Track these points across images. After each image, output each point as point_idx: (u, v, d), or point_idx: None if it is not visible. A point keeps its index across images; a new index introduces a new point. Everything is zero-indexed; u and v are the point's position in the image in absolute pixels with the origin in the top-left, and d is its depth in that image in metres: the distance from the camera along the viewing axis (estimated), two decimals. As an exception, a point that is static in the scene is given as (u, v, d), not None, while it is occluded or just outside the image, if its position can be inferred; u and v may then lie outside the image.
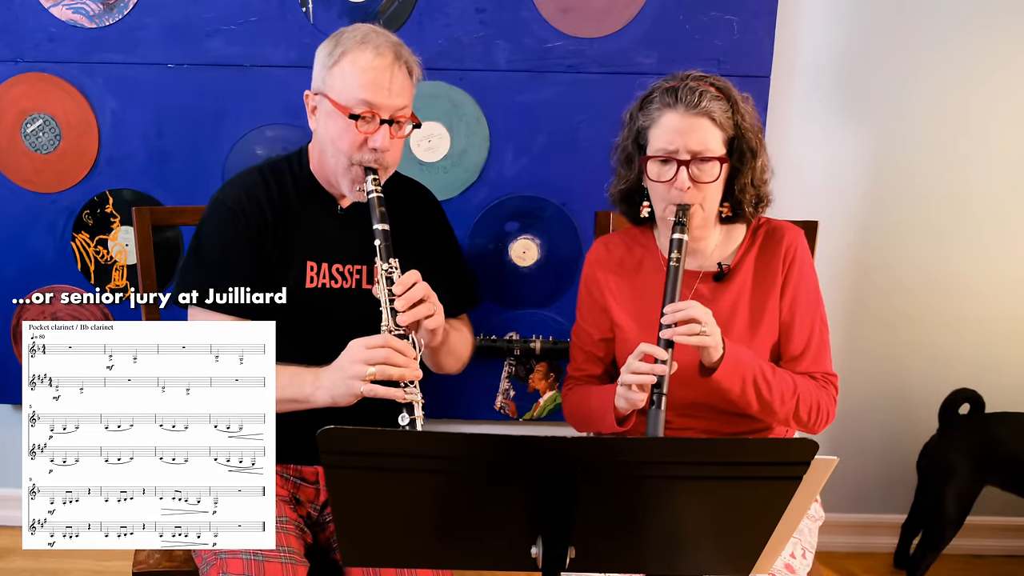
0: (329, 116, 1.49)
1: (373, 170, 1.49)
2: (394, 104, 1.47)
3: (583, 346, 1.66)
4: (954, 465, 2.16)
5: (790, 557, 1.51)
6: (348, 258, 1.58)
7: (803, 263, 1.58)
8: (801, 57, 2.17)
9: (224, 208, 1.54)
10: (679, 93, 1.47)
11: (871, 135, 2.22)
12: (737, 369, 1.46)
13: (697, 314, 1.41)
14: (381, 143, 1.47)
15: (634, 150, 1.56)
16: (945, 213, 2.26)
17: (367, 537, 1.14)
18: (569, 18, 2.11)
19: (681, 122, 1.47)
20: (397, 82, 1.48)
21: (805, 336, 1.56)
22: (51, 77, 2.11)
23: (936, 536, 2.19)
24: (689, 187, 1.47)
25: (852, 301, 2.30)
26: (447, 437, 1.06)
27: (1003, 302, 2.32)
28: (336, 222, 1.59)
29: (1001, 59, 2.17)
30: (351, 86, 1.46)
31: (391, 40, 1.50)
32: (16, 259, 2.20)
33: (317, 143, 1.56)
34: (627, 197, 1.62)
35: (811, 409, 1.52)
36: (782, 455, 1.06)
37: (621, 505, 1.08)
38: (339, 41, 1.49)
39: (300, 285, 1.56)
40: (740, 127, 1.50)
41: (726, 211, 1.56)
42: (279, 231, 1.55)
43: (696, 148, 1.47)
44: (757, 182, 1.54)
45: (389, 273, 1.43)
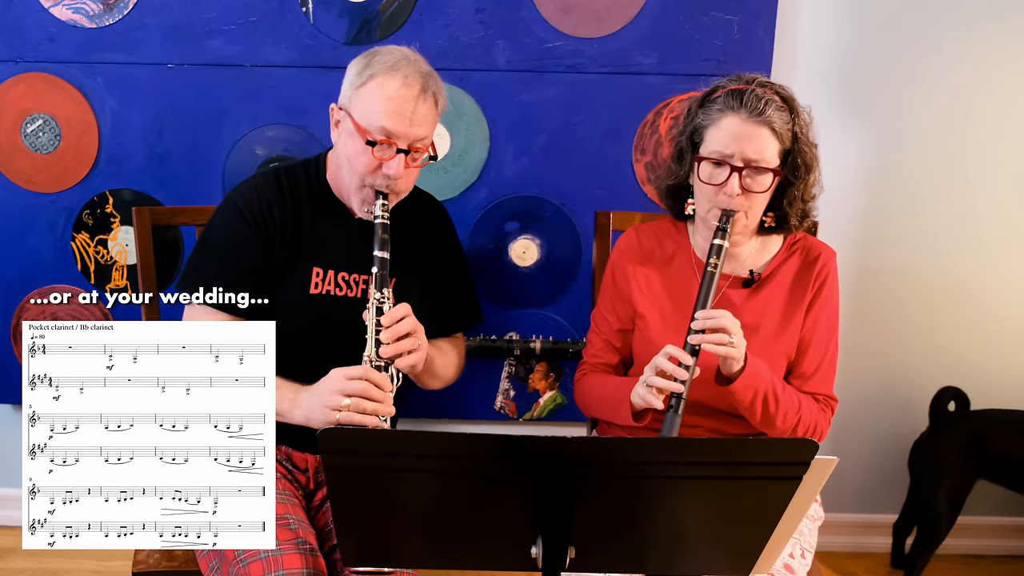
0: (349, 135, 1.50)
1: (384, 194, 1.50)
2: (414, 135, 1.48)
3: (601, 334, 1.66)
4: (945, 461, 2.18)
5: (790, 557, 1.51)
6: (355, 267, 1.58)
7: (832, 286, 1.58)
8: (801, 57, 2.17)
9: (234, 208, 1.56)
10: (744, 98, 1.45)
11: (871, 135, 2.22)
12: (752, 383, 1.46)
13: (728, 324, 1.41)
14: (395, 171, 1.48)
15: (688, 146, 1.54)
16: (945, 214, 2.26)
17: (367, 537, 1.14)
18: (569, 18, 2.11)
19: (742, 128, 1.45)
20: (420, 113, 1.48)
21: (819, 358, 1.57)
22: (51, 77, 2.11)
23: (930, 533, 2.21)
24: (739, 194, 1.45)
25: (852, 302, 2.30)
26: (447, 437, 1.06)
27: (1003, 304, 2.32)
28: (347, 231, 1.59)
29: (1001, 60, 2.17)
30: (374, 111, 1.47)
31: (421, 70, 1.49)
32: (16, 259, 2.20)
33: (335, 156, 1.58)
34: (673, 192, 1.60)
35: (808, 428, 1.54)
36: (782, 455, 1.06)
37: (621, 505, 1.08)
38: (370, 62, 1.49)
39: (304, 290, 1.56)
40: (798, 140, 1.48)
41: (769, 221, 1.55)
42: (287, 235, 1.56)
43: (752, 156, 1.44)
44: (806, 197, 1.53)
45: (380, 303, 1.45)
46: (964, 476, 2.17)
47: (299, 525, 1.45)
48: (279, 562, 1.37)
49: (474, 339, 2.20)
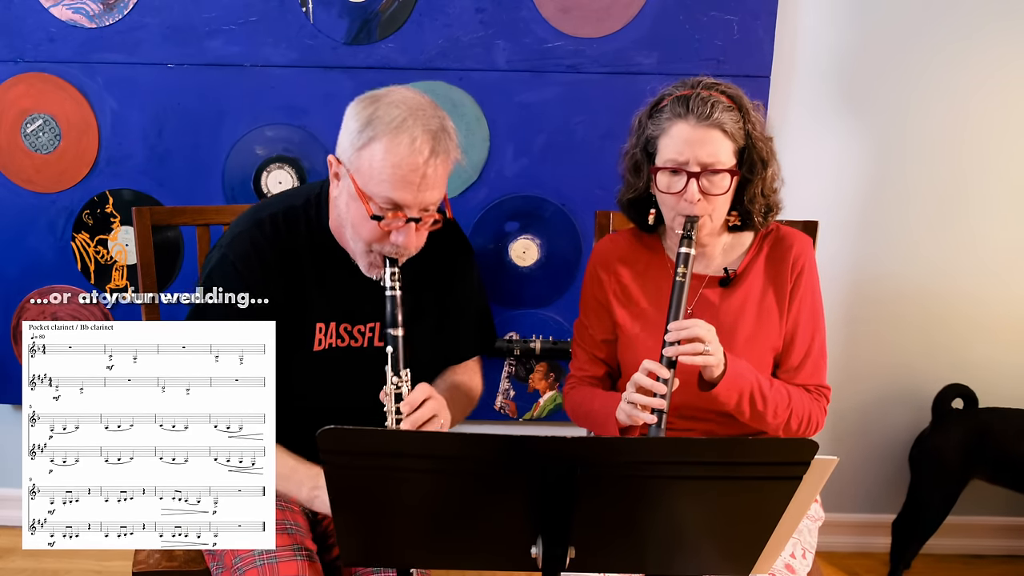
0: (352, 198, 1.36)
1: (394, 260, 1.38)
2: (424, 201, 1.34)
3: (585, 346, 1.66)
4: (944, 456, 2.19)
5: (790, 557, 1.51)
6: (360, 317, 1.49)
7: (810, 274, 1.57)
8: (801, 57, 2.17)
9: (231, 268, 1.43)
10: (690, 103, 1.44)
11: (871, 135, 2.22)
12: (735, 384, 1.46)
13: (701, 333, 1.40)
14: (404, 241, 1.36)
15: (643, 158, 1.53)
16: (944, 213, 2.26)
17: (367, 537, 1.14)
18: (569, 18, 2.11)
19: (692, 133, 1.44)
20: (431, 178, 1.33)
21: (805, 348, 1.56)
22: (51, 77, 2.11)
23: (921, 527, 2.22)
24: (699, 200, 1.44)
25: (851, 301, 2.30)
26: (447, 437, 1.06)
27: (1002, 302, 2.32)
28: (349, 279, 1.47)
29: (1001, 60, 2.17)
30: (379, 179, 1.32)
31: (430, 128, 1.33)
32: (16, 259, 2.20)
33: (337, 208, 1.44)
34: (636, 205, 1.59)
35: (801, 421, 1.53)
36: (782, 455, 1.06)
37: (621, 505, 1.08)
38: (372, 119, 1.33)
39: (308, 349, 1.48)
40: (751, 136, 1.48)
41: (734, 219, 1.55)
42: (287, 291, 1.44)
43: (706, 160, 1.44)
44: (767, 191, 1.52)
45: (398, 388, 1.36)
46: (961, 472, 2.19)
47: (297, 530, 1.44)
48: (275, 570, 1.36)
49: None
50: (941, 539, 2.32)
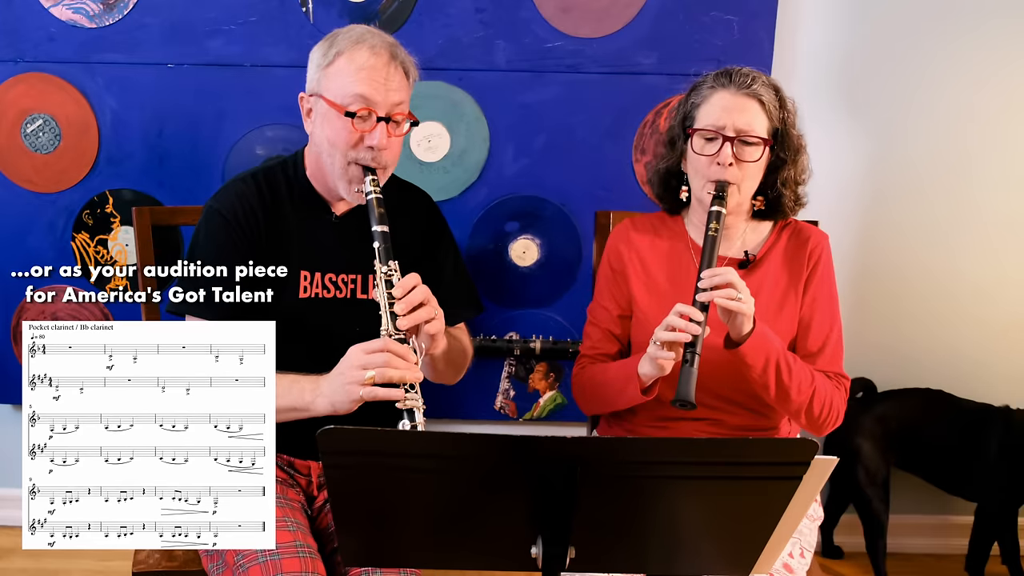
0: (325, 117, 1.47)
1: (371, 170, 1.46)
2: (391, 100, 1.45)
3: (600, 324, 1.65)
4: (858, 447, 2.19)
5: (789, 557, 1.51)
6: (342, 267, 1.55)
7: (827, 264, 1.59)
8: (801, 57, 2.17)
9: (218, 216, 1.51)
10: (733, 75, 1.52)
11: (871, 134, 2.22)
12: (763, 346, 1.45)
13: (735, 280, 1.42)
14: (379, 141, 1.45)
15: (680, 132, 1.58)
16: (945, 212, 2.26)
17: (367, 537, 1.14)
18: (569, 18, 2.11)
19: (731, 100, 1.50)
20: (394, 81, 1.46)
21: (823, 334, 1.57)
22: (51, 77, 2.11)
23: (871, 523, 2.22)
24: (731, 163, 1.48)
25: (852, 299, 2.30)
26: (447, 437, 1.06)
27: (1005, 300, 2.32)
28: (330, 230, 1.56)
29: (1003, 59, 2.17)
30: (347, 84, 1.44)
31: (386, 40, 1.48)
32: (16, 259, 2.20)
33: (313, 146, 1.54)
34: (665, 180, 1.62)
35: (824, 404, 1.51)
36: (782, 455, 1.06)
37: (621, 505, 1.08)
38: (334, 42, 1.48)
39: (294, 295, 1.53)
40: (786, 123, 1.54)
41: (759, 204, 1.58)
42: (272, 239, 1.52)
43: (743, 127, 1.49)
44: (799, 179, 1.57)
45: (388, 276, 1.40)
46: (879, 458, 2.20)
47: (298, 528, 1.44)
48: (278, 566, 1.36)
49: (474, 339, 2.20)
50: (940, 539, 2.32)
